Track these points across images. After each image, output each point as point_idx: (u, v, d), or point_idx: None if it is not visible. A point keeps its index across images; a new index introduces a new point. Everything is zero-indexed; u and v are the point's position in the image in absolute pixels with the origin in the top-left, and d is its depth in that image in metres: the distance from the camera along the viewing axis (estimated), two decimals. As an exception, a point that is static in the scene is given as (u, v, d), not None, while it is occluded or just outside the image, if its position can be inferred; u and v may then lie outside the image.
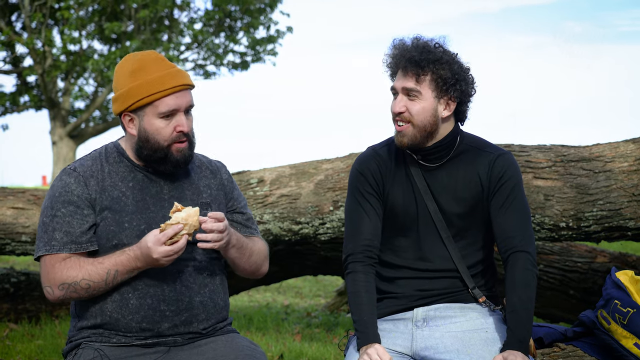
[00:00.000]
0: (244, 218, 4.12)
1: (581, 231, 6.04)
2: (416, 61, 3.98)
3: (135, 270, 3.75)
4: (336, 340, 7.30)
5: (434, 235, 4.07)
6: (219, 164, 4.17)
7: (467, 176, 4.07)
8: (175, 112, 3.84)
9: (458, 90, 4.01)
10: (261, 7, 26.98)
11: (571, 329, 4.60)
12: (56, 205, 3.83)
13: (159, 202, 3.90)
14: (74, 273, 3.75)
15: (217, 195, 4.05)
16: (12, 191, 7.78)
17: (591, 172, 6.02)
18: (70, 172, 3.89)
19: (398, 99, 4.04)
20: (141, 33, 25.91)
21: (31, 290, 8.40)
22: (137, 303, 3.82)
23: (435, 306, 4.07)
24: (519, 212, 4.04)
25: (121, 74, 3.88)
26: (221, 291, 4.01)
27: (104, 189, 3.86)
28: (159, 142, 3.83)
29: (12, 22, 26.68)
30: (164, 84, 3.81)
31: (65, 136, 27.94)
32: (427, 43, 4.04)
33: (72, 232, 3.80)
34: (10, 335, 7.50)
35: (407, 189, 4.10)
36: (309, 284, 12.45)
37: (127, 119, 3.89)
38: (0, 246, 7.49)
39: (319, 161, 7.05)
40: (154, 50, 3.98)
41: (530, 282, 3.95)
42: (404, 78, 4.02)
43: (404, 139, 4.03)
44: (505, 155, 4.10)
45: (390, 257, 4.14)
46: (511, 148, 6.29)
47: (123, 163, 3.94)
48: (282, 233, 6.81)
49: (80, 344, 3.86)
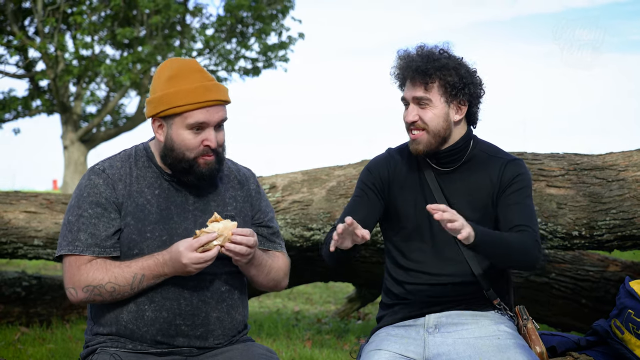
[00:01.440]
0: (270, 232, 4.07)
1: (594, 240, 6.02)
2: (423, 70, 4.04)
3: (162, 276, 3.72)
4: (347, 347, 7.29)
5: (448, 238, 4.08)
6: (248, 174, 4.11)
7: (480, 180, 4.12)
8: (204, 125, 3.78)
9: (467, 93, 4.08)
10: (273, 13, 27.00)
11: (584, 338, 4.60)
12: (83, 205, 3.80)
13: (183, 212, 3.86)
14: (100, 276, 3.72)
15: (243, 207, 4.00)
16: (24, 195, 7.78)
17: (604, 181, 6.00)
18: (99, 172, 3.85)
19: (410, 109, 4.09)
20: (153, 38, 25.95)
21: (42, 294, 8.40)
22: (153, 315, 3.79)
23: (447, 313, 4.10)
24: (525, 208, 4.07)
25: (158, 78, 3.84)
26: (240, 306, 3.97)
27: (131, 194, 3.83)
28: (184, 153, 3.78)
29: (25, 26, 26.76)
30: (196, 97, 3.75)
31: (76, 140, 27.98)
32: (432, 50, 4.10)
33: (98, 234, 3.77)
34: (22, 339, 7.49)
35: (419, 193, 4.15)
36: (319, 290, 12.42)
37: (156, 124, 3.85)
38: (12, 250, 7.48)
39: (331, 167, 7.04)
40: (195, 60, 3.92)
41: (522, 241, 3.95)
42: (413, 88, 4.07)
43: (419, 146, 4.09)
44: (517, 161, 4.16)
45: (404, 260, 4.17)
46: (524, 156, 6.28)
47: (151, 169, 3.90)
48: (294, 239, 6.80)
49: (97, 349, 3.84)
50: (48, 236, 7.45)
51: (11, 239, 7.42)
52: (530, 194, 4.12)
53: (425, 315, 4.11)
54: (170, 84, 3.78)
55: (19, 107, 27.44)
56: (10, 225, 7.43)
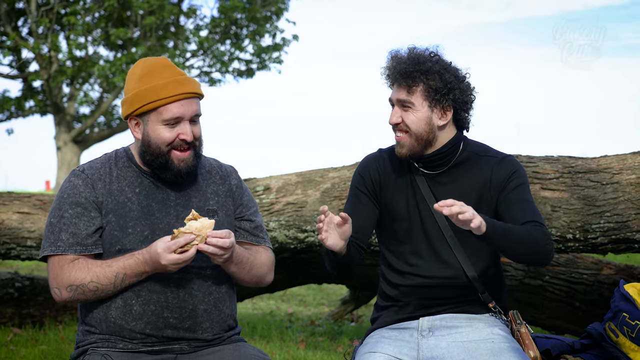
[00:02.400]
0: (252, 226, 4.08)
1: (588, 243, 6.02)
2: (407, 73, 4.05)
3: (143, 274, 3.76)
4: (340, 349, 7.28)
5: (440, 241, 4.10)
6: (229, 169, 4.15)
7: (472, 182, 4.11)
8: (179, 119, 3.83)
9: (451, 99, 4.06)
10: (267, 14, 26.98)
11: (579, 341, 4.59)
12: (64, 206, 3.85)
13: (165, 208, 3.90)
14: (82, 275, 3.75)
15: (225, 202, 4.03)
16: (17, 196, 7.76)
17: (599, 184, 6.00)
18: (78, 173, 3.90)
19: (394, 111, 4.11)
20: (147, 39, 25.92)
21: (35, 295, 8.38)
22: (141, 309, 3.81)
23: (441, 316, 4.08)
24: (527, 205, 4.05)
25: (131, 78, 3.90)
26: (227, 299, 3.98)
27: (111, 192, 3.87)
28: (160, 147, 3.83)
29: (18, 27, 26.73)
30: (169, 91, 3.81)
31: (69, 141, 27.96)
32: (420, 53, 4.10)
33: (79, 233, 3.81)
34: (14, 340, 7.48)
35: (411, 196, 4.14)
36: (313, 292, 12.42)
37: (133, 123, 3.90)
38: (5, 251, 7.47)
39: (325, 169, 7.04)
40: (165, 57, 3.99)
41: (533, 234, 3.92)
42: (398, 90, 4.09)
43: (402, 149, 4.09)
44: (508, 157, 4.15)
45: (398, 263, 4.16)
46: (519, 158, 6.28)
47: (131, 168, 3.94)
48: (288, 241, 6.79)
49: (87, 349, 3.86)
50: (41, 237, 7.43)
51: (4, 240, 7.41)
52: (528, 189, 4.10)
53: (419, 318, 4.09)
54: (143, 81, 3.84)
55: (12, 107, 27.42)
56: (3, 225, 7.42)
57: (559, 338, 4.58)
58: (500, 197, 4.07)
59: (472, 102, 4.15)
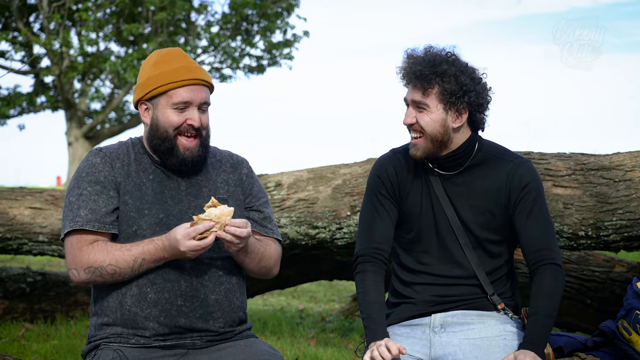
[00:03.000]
0: (261, 217, 4.08)
1: (600, 240, 5.99)
2: (422, 75, 4.01)
3: (161, 260, 3.78)
4: (351, 346, 7.27)
5: (452, 242, 4.08)
6: (240, 158, 4.16)
7: (486, 184, 4.08)
8: (188, 104, 3.87)
9: (466, 101, 4.02)
10: (278, 11, 26.96)
11: (591, 339, 4.56)
12: (82, 184, 3.86)
13: (177, 196, 3.92)
14: (101, 257, 3.76)
15: (235, 191, 4.04)
16: (30, 191, 7.77)
17: (611, 181, 5.97)
18: (96, 152, 3.93)
19: (409, 111, 4.08)
20: (158, 35, 25.93)
21: (47, 290, 8.39)
22: (155, 297, 3.82)
23: (453, 312, 4.06)
24: (543, 222, 4.04)
25: (145, 66, 3.95)
26: (237, 291, 3.99)
27: (129, 174, 3.90)
28: (167, 131, 3.86)
29: (30, 23, 26.76)
30: (179, 75, 3.86)
31: (81, 137, 27.98)
32: (437, 55, 4.06)
33: (98, 210, 3.82)
34: (26, 335, 7.49)
35: (425, 196, 4.12)
36: (324, 289, 12.41)
37: (143, 108, 3.93)
38: (17, 246, 7.48)
39: (336, 166, 7.02)
40: (179, 48, 4.02)
41: (557, 292, 3.96)
42: (413, 91, 4.06)
43: (417, 152, 4.06)
44: (525, 164, 4.10)
45: (410, 261, 4.14)
46: (530, 156, 6.25)
47: (145, 156, 3.97)
48: (299, 237, 6.79)
49: (99, 344, 3.86)
50: (53, 232, 7.45)
51: (16, 235, 7.42)
52: (543, 198, 4.08)
53: (431, 315, 4.07)
54: (155, 67, 3.90)
55: (24, 103, 27.44)
56: (15, 221, 7.43)
57: (571, 335, 4.56)
58: (517, 208, 4.05)
59: (488, 103, 4.11)
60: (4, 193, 7.69)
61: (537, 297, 3.94)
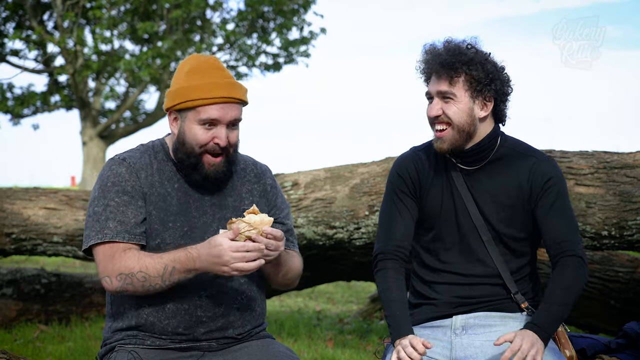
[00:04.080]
0: (284, 229, 4.03)
1: (624, 240, 5.96)
2: (448, 64, 3.99)
3: (192, 271, 3.67)
4: (370, 348, 7.24)
5: (475, 239, 4.05)
6: (264, 167, 4.11)
7: (509, 180, 4.06)
8: (216, 122, 3.78)
9: (493, 89, 4.02)
10: (294, 8, 26.93)
11: (614, 341, 4.56)
12: (109, 194, 3.78)
13: (202, 207, 3.86)
14: (131, 264, 3.68)
15: (259, 202, 3.99)
16: (44, 191, 7.76)
17: (635, 180, 5.93)
18: (120, 162, 3.84)
19: (434, 103, 4.05)
20: (173, 33, 25.93)
21: (62, 291, 8.37)
22: (174, 307, 3.78)
23: (475, 314, 4.03)
24: (566, 217, 4.02)
25: (179, 72, 3.87)
26: (259, 298, 3.96)
27: (153, 184, 3.83)
28: (193, 148, 3.79)
29: (44, 21, 26.79)
30: (210, 92, 3.77)
31: (95, 136, 28.01)
32: (459, 45, 4.05)
33: (127, 221, 3.75)
34: (41, 337, 7.50)
35: (446, 192, 4.10)
36: (341, 290, 12.41)
37: (172, 117, 3.87)
38: (31, 247, 7.47)
39: (354, 165, 6.99)
40: (216, 58, 3.92)
41: (575, 285, 3.91)
42: (438, 82, 4.03)
43: (444, 144, 4.03)
44: (548, 161, 4.09)
45: (432, 260, 4.12)
46: (552, 154, 6.22)
47: (169, 163, 3.90)
48: (316, 237, 6.75)
49: (115, 347, 3.83)
50: (68, 233, 7.43)
51: (30, 236, 7.41)
52: (566, 196, 4.05)
53: (452, 316, 4.04)
54: (188, 77, 3.81)
55: (38, 102, 27.47)
56: (30, 221, 7.42)
57: (594, 337, 4.54)
58: (540, 202, 4.02)
59: (510, 94, 4.12)
60: (18, 193, 7.68)
61: (554, 286, 3.90)
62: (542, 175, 4.04)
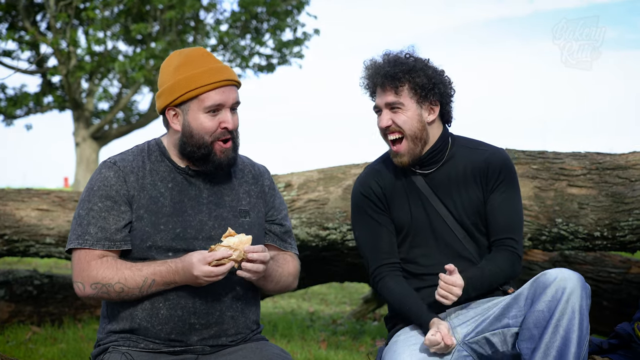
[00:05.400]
0: (282, 230, 4.04)
1: (616, 241, 5.96)
2: (391, 75, 4.12)
3: (172, 284, 3.70)
4: (362, 349, 7.23)
5: (451, 237, 4.17)
6: (262, 169, 4.10)
7: (467, 173, 4.19)
8: (220, 107, 3.79)
9: (437, 93, 4.15)
10: (288, 9, 26.92)
11: (607, 341, 4.59)
12: (93, 198, 3.78)
13: (197, 205, 3.84)
14: (109, 274, 3.69)
15: (257, 203, 3.99)
16: (36, 192, 7.74)
17: (627, 181, 5.94)
18: (110, 165, 3.83)
19: (383, 115, 4.17)
20: (167, 34, 25.90)
21: (54, 293, 8.35)
22: (167, 314, 3.77)
23: (466, 304, 4.13)
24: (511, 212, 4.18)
25: (166, 70, 3.85)
26: (253, 305, 3.95)
27: (144, 187, 3.81)
28: (203, 138, 3.78)
29: (37, 22, 26.76)
30: (210, 77, 3.77)
31: (88, 137, 27.98)
32: (398, 55, 4.18)
33: (107, 228, 3.74)
34: (33, 339, 7.47)
35: (413, 200, 4.20)
36: (335, 291, 12.39)
37: (171, 114, 3.84)
38: (24, 248, 7.45)
39: (347, 166, 6.98)
40: (201, 47, 3.92)
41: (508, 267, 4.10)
42: (384, 93, 4.16)
43: (403, 158, 4.17)
44: (501, 151, 4.25)
45: (413, 267, 4.20)
46: (545, 155, 6.23)
47: (164, 163, 3.88)
48: (310, 239, 6.74)
49: (108, 347, 3.82)
50: (60, 234, 7.41)
51: (23, 237, 7.39)
52: (518, 190, 4.22)
53: (446, 310, 4.13)
54: (180, 71, 3.80)
55: (31, 103, 27.41)
56: (22, 222, 7.40)
57: (587, 338, 4.52)
58: (491, 195, 4.17)
59: (454, 95, 4.24)
60: (10, 194, 7.65)
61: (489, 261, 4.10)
62: (498, 165, 4.18)
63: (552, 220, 5.98)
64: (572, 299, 3.75)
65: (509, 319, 3.91)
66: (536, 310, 3.80)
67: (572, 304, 3.75)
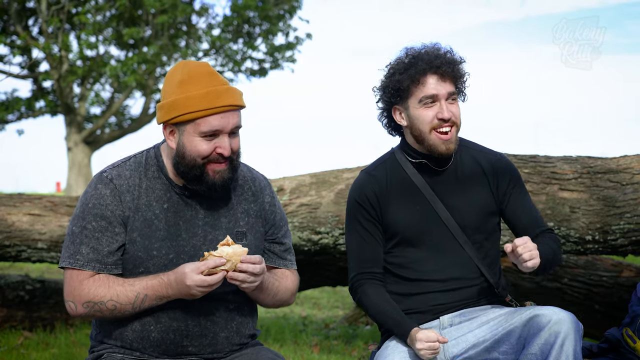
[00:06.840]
0: (282, 249, 3.96)
1: (607, 244, 5.96)
2: (451, 62, 4.06)
3: (164, 298, 3.63)
4: (355, 353, 7.22)
5: (450, 240, 4.10)
6: (263, 184, 3.97)
7: (474, 176, 4.15)
8: (218, 132, 3.65)
9: (466, 87, 4.17)
10: (280, 13, 26.91)
11: (596, 345, 4.59)
12: (88, 216, 3.70)
13: (192, 228, 3.75)
14: (102, 292, 3.63)
15: (255, 222, 3.88)
16: (28, 197, 7.72)
17: (618, 184, 5.94)
18: (107, 182, 3.73)
19: (442, 105, 4.05)
20: (159, 39, 25.88)
21: (46, 297, 8.33)
22: (159, 337, 3.72)
23: (460, 311, 4.08)
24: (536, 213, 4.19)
25: (170, 83, 3.70)
26: (250, 322, 3.89)
27: (139, 207, 3.71)
28: (195, 160, 3.65)
29: (28, 26, 26.73)
30: (210, 102, 3.62)
31: (80, 142, 27.93)
32: (440, 47, 4.12)
33: (100, 249, 3.67)
34: (25, 344, 7.45)
35: (411, 202, 4.13)
36: (327, 295, 12.37)
37: (167, 131, 3.72)
38: (15, 253, 7.43)
39: (339, 170, 6.97)
40: (207, 63, 3.77)
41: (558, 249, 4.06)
42: (443, 82, 4.06)
43: (452, 145, 4.08)
44: (504, 156, 4.24)
45: (407, 272, 4.14)
46: (536, 159, 6.23)
47: (161, 180, 3.78)
48: (302, 243, 6.73)
49: (104, 354, 3.78)
50: (52, 239, 7.40)
51: (14, 242, 7.37)
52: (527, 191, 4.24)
53: (439, 318, 4.09)
54: (181, 89, 3.65)
55: (23, 108, 27.35)
56: (14, 227, 7.38)
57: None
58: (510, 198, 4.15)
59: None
60: (2, 199, 7.64)
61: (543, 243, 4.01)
62: (506, 169, 4.17)
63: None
64: (566, 343, 3.70)
65: (500, 354, 3.89)
66: (529, 353, 3.76)
67: (566, 350, 3.70)
